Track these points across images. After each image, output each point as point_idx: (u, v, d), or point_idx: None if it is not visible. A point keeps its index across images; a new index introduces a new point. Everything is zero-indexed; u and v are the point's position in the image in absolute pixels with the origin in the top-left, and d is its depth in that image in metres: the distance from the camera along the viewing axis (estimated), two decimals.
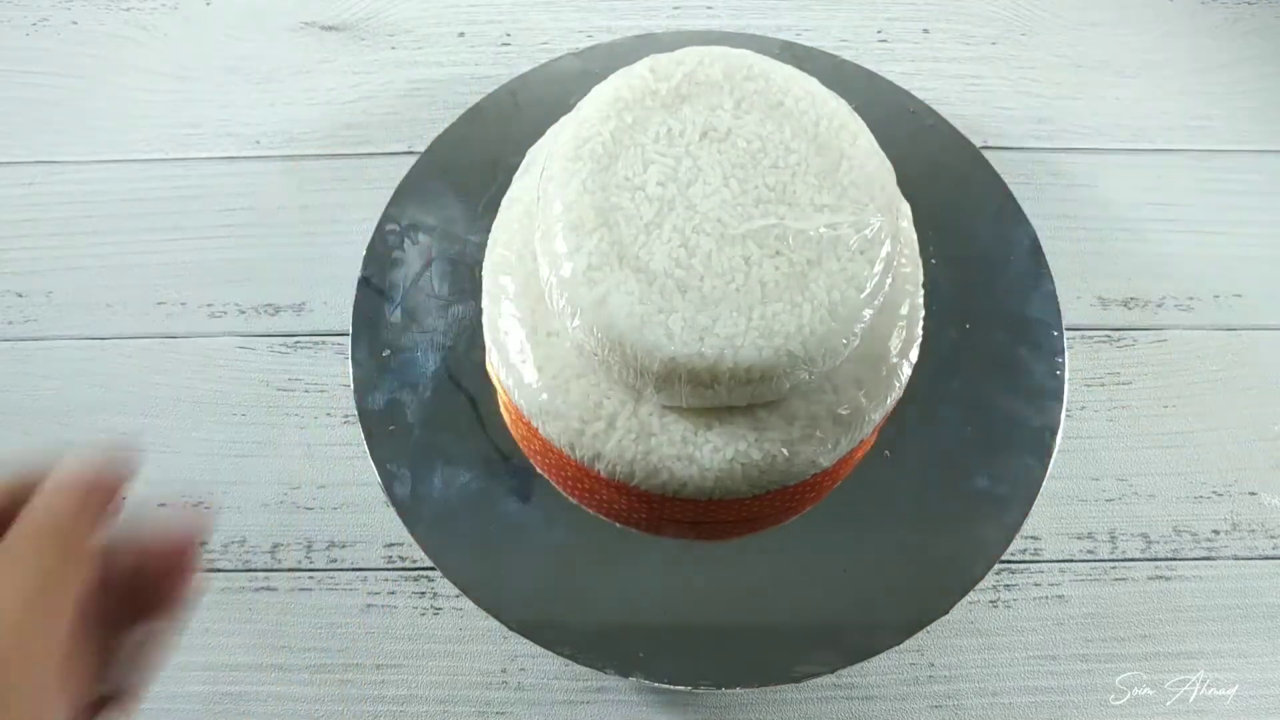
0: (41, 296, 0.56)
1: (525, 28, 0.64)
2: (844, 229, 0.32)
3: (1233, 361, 0.55)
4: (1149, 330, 0.55)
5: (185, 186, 0.59)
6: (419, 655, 0.48)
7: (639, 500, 0.38)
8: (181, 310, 0.56)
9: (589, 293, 0.32)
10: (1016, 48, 0.63)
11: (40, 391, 0.54)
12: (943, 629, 0.48)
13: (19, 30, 0.64)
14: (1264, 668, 0.48)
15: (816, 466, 0.36)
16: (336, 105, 0.61)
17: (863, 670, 0.47)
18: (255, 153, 0.60)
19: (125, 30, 0.64)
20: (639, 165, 0.33)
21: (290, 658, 0.47)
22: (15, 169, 0.60)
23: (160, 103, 0.62)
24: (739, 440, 0.35)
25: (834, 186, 0.33)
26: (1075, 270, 0.56)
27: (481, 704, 0.47)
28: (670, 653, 0.40)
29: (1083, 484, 0.52)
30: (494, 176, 0.47)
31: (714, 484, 0.35)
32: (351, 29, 0.64)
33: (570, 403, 0.36)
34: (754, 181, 0.33)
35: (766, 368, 0.31)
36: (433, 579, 0.49)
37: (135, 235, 0.58)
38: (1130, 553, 0.50)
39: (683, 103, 0.34)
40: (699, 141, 0.33)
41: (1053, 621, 0.49)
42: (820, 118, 0.34)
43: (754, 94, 0.34)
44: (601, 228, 0.32)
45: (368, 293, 0.46)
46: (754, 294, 0.31)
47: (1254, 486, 0.52)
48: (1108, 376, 0.54)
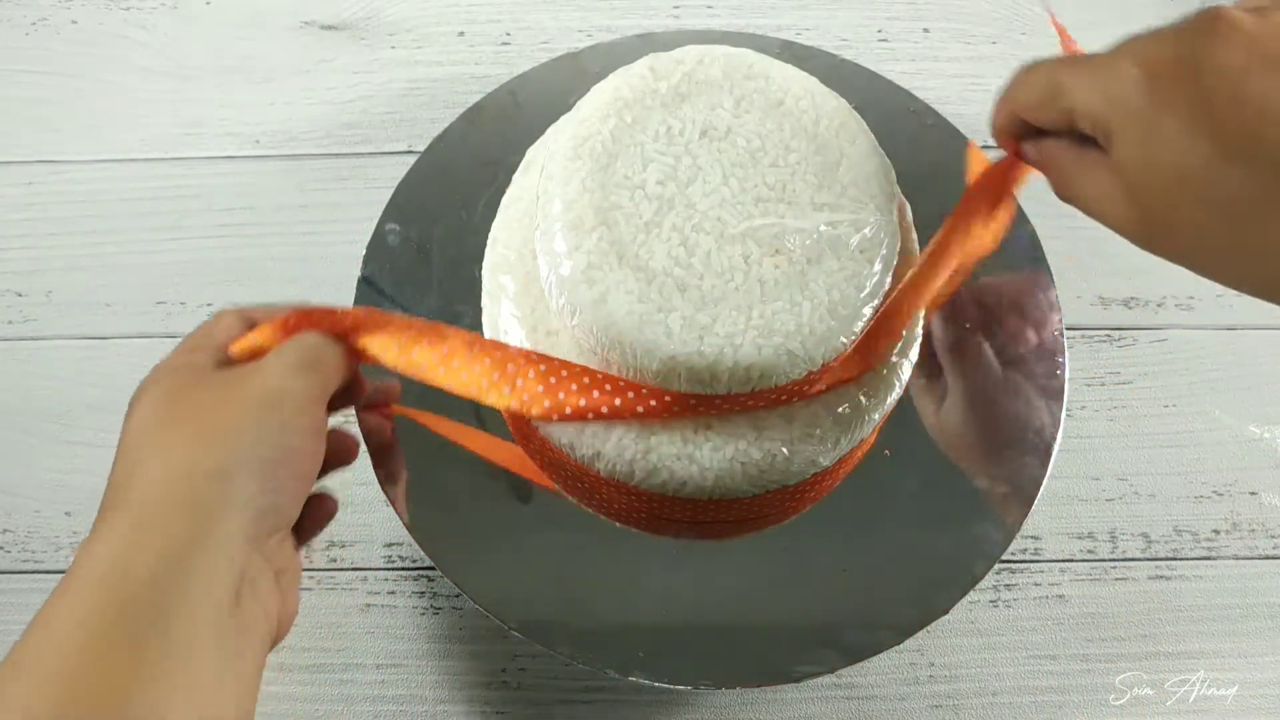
0: (41, 296, 0.56)
1: (525, 27, 0.64)
2: (843, 228, 0.32)
3: (1233, 361, 0.55)
4: (1149, 330, 0.55)
5: (185, 186, 0.59)
6: (419, 655, 0.48)
7: (639, 500, 0.38)
8: (181, 310, 0.56)
9: (588, 291, 0.31)
10: (1016, 47, 0.63)
11: (40, 391, 0.54)
12: (943, 629, 0.48)
13: (19, 30, 0.64)
14: (1264, 668, 0.48)
15: (816, 466, 0.36)
16: (336, 105, 0.61)
17: (863, 670, 0.47)
18: (255, 153, 0.60)
19: (125, 30, 0.64)
20: (638, 164, 0.33)
21: (290, 657, 0.47)
22: (15, 169, 0.60)
23: (160, 103, 0.62)
24: (739, 440, 0.35)
25: (834, 185, 0.33)
26: (1075, 270, 0.56)
27: (481, 704, 0.47)
28: (670, 653, 0.40)
29: (1083, 484, 0.52)
30: (494, 176, 0.47)
31: (714, 483, 0.35)
32: (351, 29, 0.64)
33: None
34: (754, 180, 0.33)
35: (766, 366, 0.31)
36: (433, 579, 0.49)
37: (135, 235, 0.58)
38: (1130, 552, 0.50)
39: (682, 102, 0.34)
40: (699, 140, 0.33)
41: (1053, 621, 0.49)
42: (820, 117, 0.33)
43: (754, 93, 0.34)
44: (601, 226, 0.32)
45: (368, 292, 0.46)
46: (753, 293, 0.31)
47: (1254, 486, 0.52)
48: (1108, 376, 0.54)
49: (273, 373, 0.29)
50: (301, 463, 0.28)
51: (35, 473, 0.52)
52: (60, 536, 0.50)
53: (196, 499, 0.26)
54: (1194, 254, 0.27)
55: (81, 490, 0.51)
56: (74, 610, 0.24)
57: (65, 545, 0.50)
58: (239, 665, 0.25)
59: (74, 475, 0.52)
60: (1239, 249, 0.25)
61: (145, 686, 0.23)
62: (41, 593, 0.25)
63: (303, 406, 0.28)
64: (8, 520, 0.51)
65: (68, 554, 0.49)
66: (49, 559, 0.50)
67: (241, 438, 0.27)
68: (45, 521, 0.51)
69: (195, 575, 0.25)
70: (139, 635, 0.23)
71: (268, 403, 0.28)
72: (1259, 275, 0.26)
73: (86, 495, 0.51)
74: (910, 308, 0.34)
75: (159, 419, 0.28)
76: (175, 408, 0.28)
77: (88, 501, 0.51)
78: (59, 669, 0.23)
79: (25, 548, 0.50)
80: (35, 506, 0.51)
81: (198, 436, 0.27)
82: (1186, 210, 0.25)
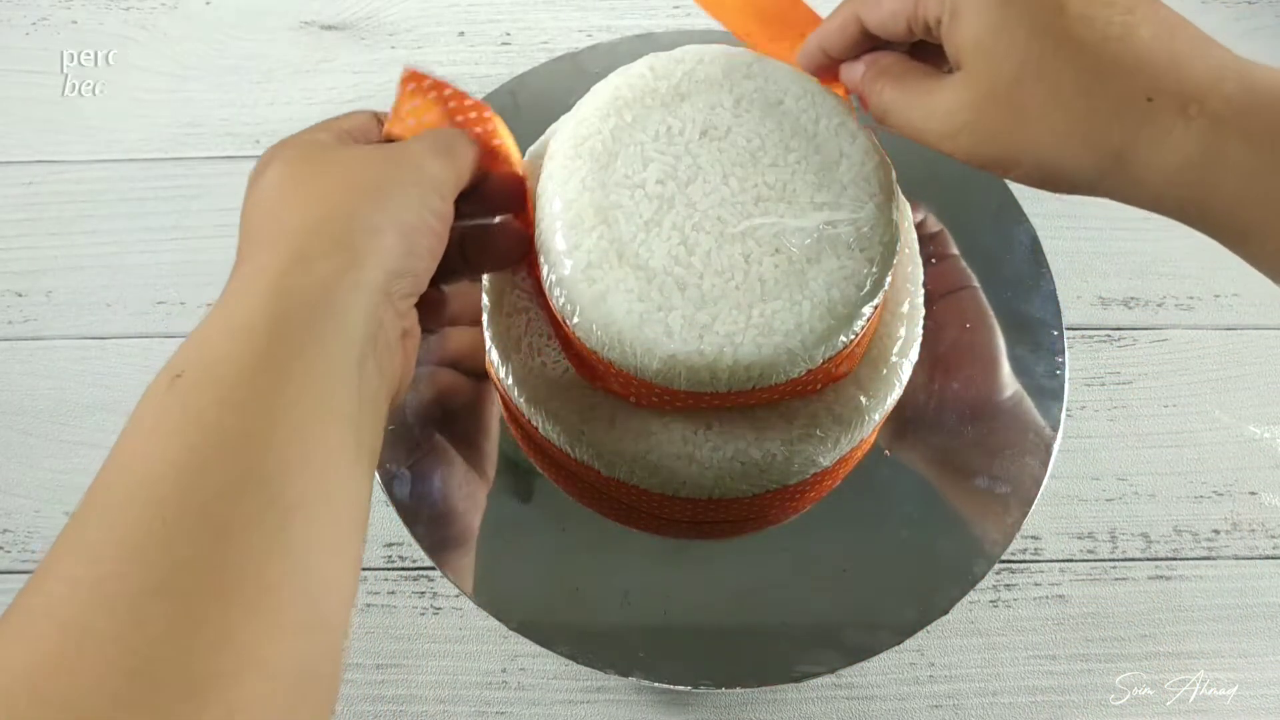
0: (41, 296, 0.56)
1: (525, 27, 0.64)
2: (843, 227, 0.32)
3: (1233, 361, 0.55)
4: (1149, 330, 0.55)
5: (185, 186, 0.59)
6: (419, 655, 0.48)
7: (639, 499, 0.38)
8: (181, 310, 0.56)
9: (588, 290, 0.31)
10: None
11: (40, 391, 0.54)
12: (943, 629, 0.48)
13: (19, 30, 0.64)
14: (1264, 668, 0.48)
15: (816, 466, 0.36)
16: (336, 105, 0.61)
17: (863, 670, 0.47)
18: (255, 153, 0.60)
19: (125, 30, 0.64)
20: (638, 163, 0.33)
21: None
22: (15, 169, 0.60)
23: (160, 103, 0.62)
24: (739, 439, 0.35)
25: (833, 185, 0.33)
26: (1075, 270, 0.56)
27: (481, 704, 0.47)
28: (670, 653, 0.40)
29: (1083, 484, 0.52)
30: None
31: (714, 483, 0.35)
32: (351, 28, 0.64)
33: (570, 402, 0.36)
34: (753, 180, 0.32)
35: (766, 365, 0.31)
36: (433, 579, 0.49)
37: (135, 235, 0.58)
38: (1130, 552, 0.50)
39: (682, 101, 0.34)
40: (698, 140, 0.33)
41: (1053, 621, 0.49)
42: (820, 116, 0.33)
43: (753, 92, 0.34)
44: (601, 225, 0.32)
45: None
46: (753, 291, 0.31)
47: (1254, 486, 0.52)
48: (1108, 376, 0.54)
49: (414, 150, 0.29)
50: (434, 239, 0.29)
51: (35, 473, 0.52)
52: None
53: (349, 241, 0.26)
54: (1039, 143, 0.26)
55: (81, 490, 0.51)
56: (235, 319, 0.25)
57: None
58: (375, 402, 0.26)
59: (74, 475, 0.52)
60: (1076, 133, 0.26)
61: (288, 406, 0.23)
62: None
63: (439, 188, 0.29)
64: (8, 520, 0.51)
65: None
66: None
67: (389, 198, 0.27)
68: (45, 521, 0.51)
69: (345, 311, 0.25)
70: (287, 357, 0.24)
71: (409, 175, 0.28)
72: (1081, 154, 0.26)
73: None
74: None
75: (295, 178, 0.28)
76: (314, 167, 0.28)
77: None
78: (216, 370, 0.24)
79: (25, 548, 0.50)
80: (35, 506, 0.51)
81: (344, 189, 0.27)
82: (1030, 86, 0.26)
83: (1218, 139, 0.25)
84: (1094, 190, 0.27)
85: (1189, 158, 0.25)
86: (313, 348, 0.24)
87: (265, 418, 0.23)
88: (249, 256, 0.27)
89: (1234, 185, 0.25)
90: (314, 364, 0.24)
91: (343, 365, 0.25)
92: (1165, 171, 0.25)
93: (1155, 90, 0.25)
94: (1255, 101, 0.25)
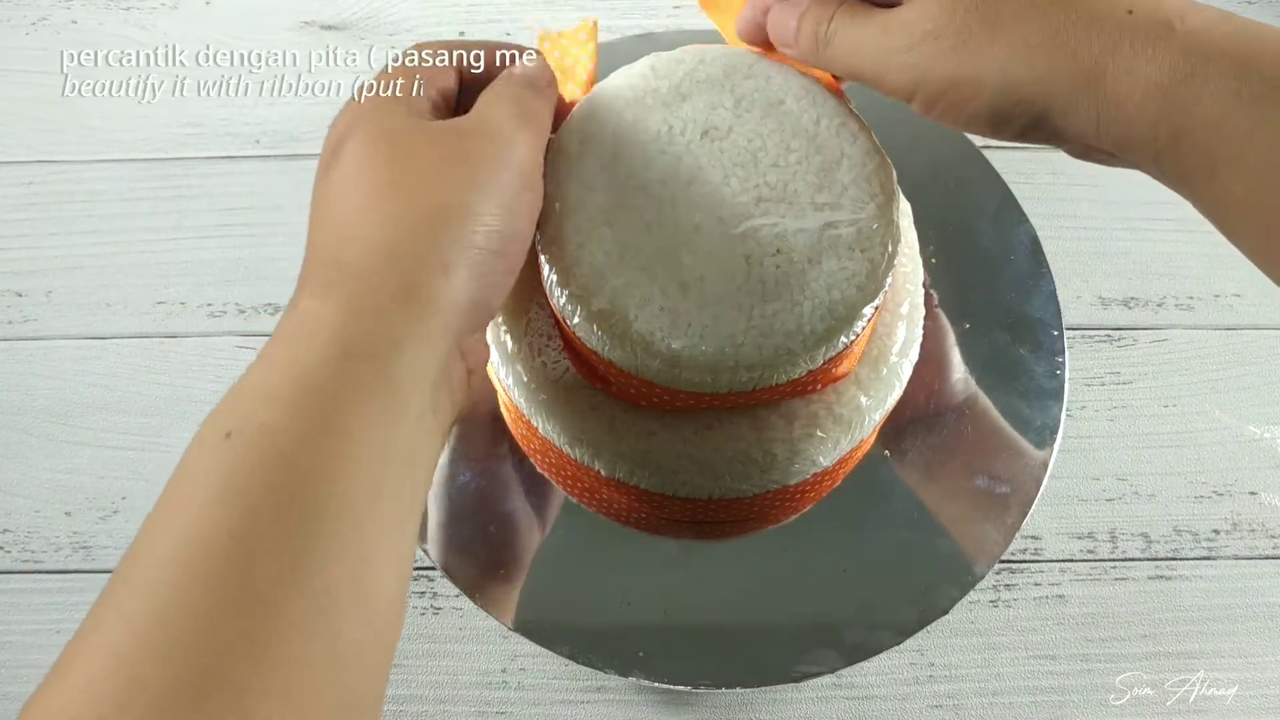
0: (41, 296, 0.56)
1: (525, 27, 0.64)
2: (844, 228, 0.32)
3: (1233, 361, 0.55)
4: (1149, 330, 0.55)
5: (185, 186, 0.59)
6: (419, 655, 0.48)
7: (639, 499, 0.38)
8: (181, 310, 0.56)
9: (589, 290, 0.31)
10: None
11: (40, 391, 0.54)
12: (943, 629, 0.48)
13: (19, 30, 0.64)
14: (1264, 668, 0.48)
15: (817, 466, 0.36)
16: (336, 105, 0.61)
17: (863, 670, 0.47)
18: (255, 152, 0.60)
19: (125, 30, 0.64)
20: (639, 164, 0.33)
21: None
22: (15, 169, 0.60)
23: (160, 103, 0.62)
24: (739, 440, 0.35)
25: (834, 185, 0.33)
26: (1075, 270, 0.56)
27: (481, 704, 0.47)
28: (670, 653, 0.40)
29: (1083, 484, 0.52)
30: None
31: (714, 483, 0.35)
32: (351, 28, 0.64)
33: (570, 402, 0.36)
34: (754, 180, 0.32)
35: (767, 366, 0.31)
36: (433, 579, 0.49)
37: (135, 235, 0.58)
38: (1130, 552, 0.50)
39: (683, 101, 0.34)
40: (699, 140, 0.33)
41: (1053, 621, 0.49)
42: (820, 116, 0.33)
43: (754, 92, 0.34)
44: (602, 226, 0.32)
45: None
46: (754, 292, 0.31)
47: (1254, 486, 0.52)
48: (1108, 376, 0.54)
49: (501, 130, 0.28)
50: (517, 253, 0.28)
51: (35, 473, 0.52)
52: (60, 536, 0.50)
53: (418, 288, 0.25)
54: (1010, 56, 0.26)
55: (81, 490, 0.51)
56: (293, 370, 0.24)
57: (65, 545, 0.50)
58: (433, 449, 0.26)
59: (74, 475, 0.52)
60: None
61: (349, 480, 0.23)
62: (42, 593, 0.25)
63: (525, 175, 0.28)
64: (8, 520, 0.51)
65: (68, 554, 0.49)
66: (49, 559, 0.50)
67: (466, 218, 0.26)
68: (45, 521, 0.51)
69: (412, 368, 0.24)
70: (350, 422, 0.23)
71: (491, 176, 0.27)
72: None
73: (86, 495, 0.51)
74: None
75: (372, 178, 0.26)
76: (391, 167, 0.27)
77: (88, 502, 0.51)
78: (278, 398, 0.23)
79: (25, 548, 0.50)
80: (35, 506, 0.51)
81: (418, 213, 0.26)
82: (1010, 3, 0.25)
83: (1200, 55, 0.24)
84: (1057, 121, 0.26)
85: (1171, 72, 0.24)
86: (380, 416, 0.23)
87: (325, 483, 0.22)
88: (313, 288, 0.26)
89: (1211, 107, 0.24)
90: (375, 429, 0.23)
91: (405, 427, 0.24)
92: (1144, 87, 0.24)
93: (1136, 3, 0.25)
94: (1236, 29, 0.24)
